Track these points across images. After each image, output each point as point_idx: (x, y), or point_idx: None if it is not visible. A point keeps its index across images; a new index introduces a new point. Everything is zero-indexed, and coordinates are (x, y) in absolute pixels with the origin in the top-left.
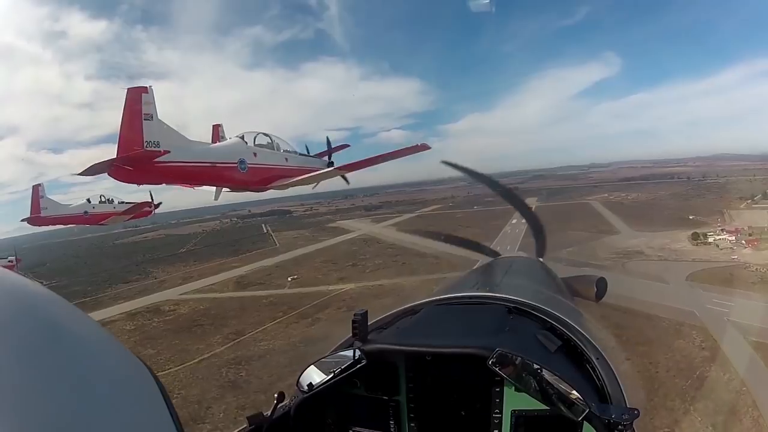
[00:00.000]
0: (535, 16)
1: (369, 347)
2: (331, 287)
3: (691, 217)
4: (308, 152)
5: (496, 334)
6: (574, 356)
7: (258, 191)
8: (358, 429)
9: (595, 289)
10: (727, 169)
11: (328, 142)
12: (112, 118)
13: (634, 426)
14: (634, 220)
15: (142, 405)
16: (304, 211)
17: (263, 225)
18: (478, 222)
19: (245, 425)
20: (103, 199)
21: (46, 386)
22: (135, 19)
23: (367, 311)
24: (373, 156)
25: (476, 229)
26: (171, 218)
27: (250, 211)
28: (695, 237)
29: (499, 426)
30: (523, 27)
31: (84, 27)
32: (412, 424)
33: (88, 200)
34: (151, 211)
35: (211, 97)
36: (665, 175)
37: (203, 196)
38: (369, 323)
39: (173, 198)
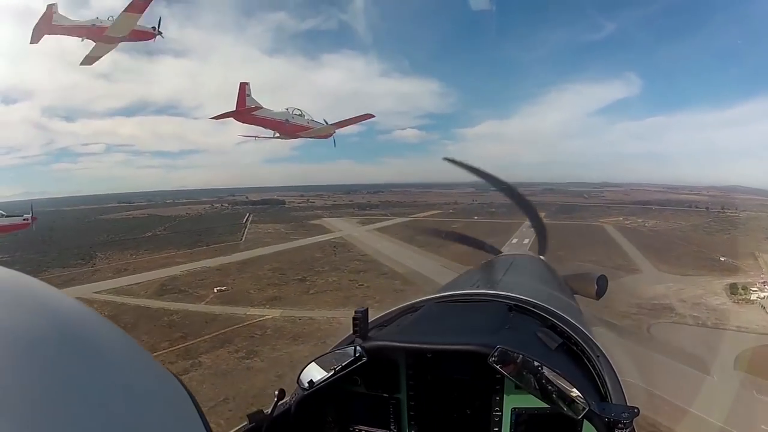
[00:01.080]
0: (560, 28)
1: (369, 344)
2: (251, 311)
3: (722, 259)
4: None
5: (497, 331)
6: (575, 354)
7: (293, 137)
8: (358, 426)
9: (596, 287)
10: (744, 203)
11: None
12: (128, 91)
13: (634, 424)
14: (657, 255)
15: (177, 418)
16: (299, 203)
17: (248, 214)
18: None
19: (246, 423)
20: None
21: (77, 400)
22: None
23: (367, 309)
24: (339, 121)
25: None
26: (169, 197)
27: (247, 197)
28: (734, 290)
29: (500, 424)
30: (547, 38)
31: None
32: (413, 422)
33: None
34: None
35: (228, 77)
36: (681, 203)
37: (210, 177)
38: (369, 321)
39: (181, 178)
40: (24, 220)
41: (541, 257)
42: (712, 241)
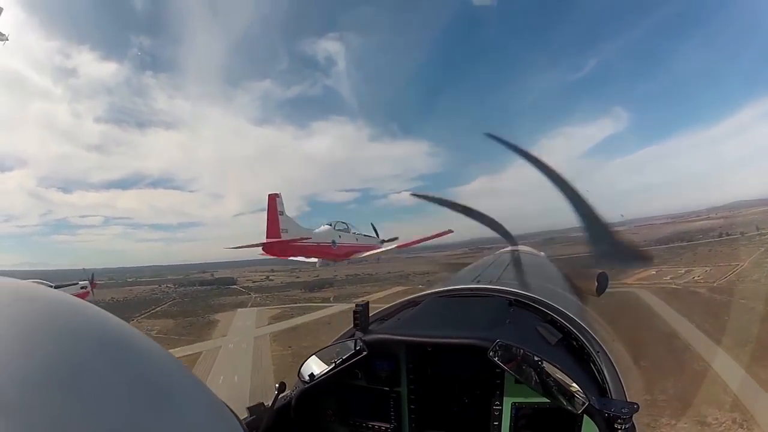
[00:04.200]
0: (543, 74)
1: (370, 338)
2: None
3: None
4: (376, 233)
5: (497, 326)
6: (575, 349)
7: (342, 260)
8: (358, 420)
9: (596, 284)
10: (764, 217)
11: (374, 229)
12: (122, 163)
13: (633, 420)
14: None
15: None
16: (255, 281)
17: (167, 302)
18: None
19: (246, 415)
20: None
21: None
22: (145, 64)
23: (368, 302)
24: (408, 241)
25: None
26: (132, 274)
27: (212, 275)
28: None
29: (500, 418)
30: (532, 86)
31: (94, 67)
32: (413, 416)
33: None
34: None
35: (220, 149)
36: (702, 233)
37: (208, 250)
38: (370, 314)
39: (181, 251)
40: (82, 289)
41: (542, 253)
42: None
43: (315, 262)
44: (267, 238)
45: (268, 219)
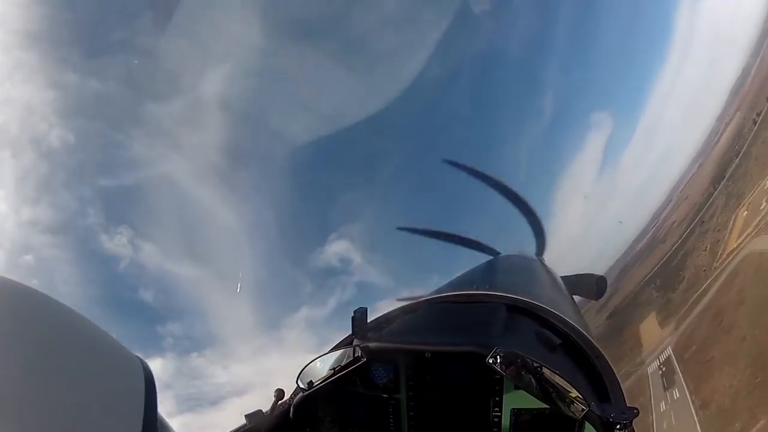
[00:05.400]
0: (523, 130)
1: (368, 345)
2: None
3: None
4: None
5: (496, 332)
6: (574, 355)
7: None
8: (357, 427)
9: (595, 288)
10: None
11: None
12: None
13: (633, 425)
14: None
15: (121, 397)
16: None
17: None
18: None
19: (244, 423)
20: None
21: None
22: (187, 348)
23: (366, 309)
24: None
25: None
26: None
27: None
28: None
29: (499, 424)
30: (521, 149)
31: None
32: (412, 423)
33: None
34: None
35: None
36: (735, 140)
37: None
38: (369, 321)
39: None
40: None
41: (541, 258)
42: None
43: None
44: None
45: None
